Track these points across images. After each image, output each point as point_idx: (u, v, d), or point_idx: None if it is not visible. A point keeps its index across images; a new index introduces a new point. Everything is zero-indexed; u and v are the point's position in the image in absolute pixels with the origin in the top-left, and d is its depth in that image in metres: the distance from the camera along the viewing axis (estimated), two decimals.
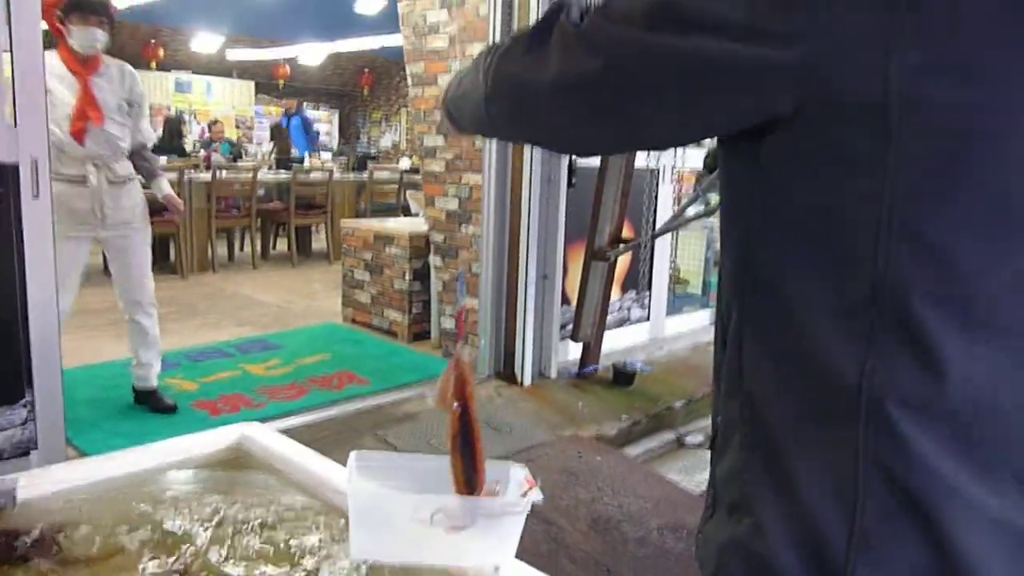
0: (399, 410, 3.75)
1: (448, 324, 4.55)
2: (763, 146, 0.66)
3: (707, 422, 4.20)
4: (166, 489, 1.78)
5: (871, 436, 0.63)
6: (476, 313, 4.32)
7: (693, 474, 3.53)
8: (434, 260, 4.61)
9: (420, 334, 4.83)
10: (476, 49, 4.61)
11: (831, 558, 0.66)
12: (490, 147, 4.04)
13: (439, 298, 4.61)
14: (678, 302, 5.36)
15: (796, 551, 0.68)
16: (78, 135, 3.16)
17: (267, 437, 1.99)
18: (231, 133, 13.85)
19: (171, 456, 1.91)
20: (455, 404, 1.40)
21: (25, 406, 2.67)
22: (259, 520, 1.67)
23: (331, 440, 3.33)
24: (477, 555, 1.38)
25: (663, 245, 5.06)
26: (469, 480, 1.38)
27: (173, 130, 8.55)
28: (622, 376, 4.28)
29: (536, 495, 1.38)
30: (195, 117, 13.37)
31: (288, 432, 3.45)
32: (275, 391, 3.80)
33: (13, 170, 2.45)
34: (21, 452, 2.67)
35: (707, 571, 0.84)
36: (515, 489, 1.52)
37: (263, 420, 3.50)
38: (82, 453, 3.03)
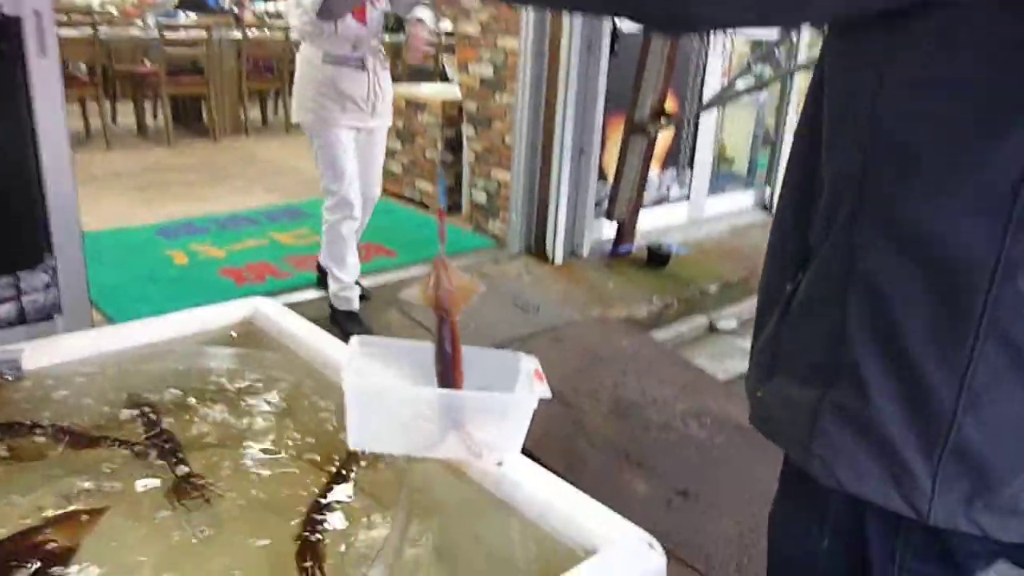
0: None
1: (480, 198, 4.42)
2: (912, 22, 0.67)
3: (742, 307, 4.10)
4: (173, 364, 1.74)
5: (994, 303, 0.68)
6: (508, 187, 4.18)
7: (722, 360, 3.46)
8: (467, 129, 4.43)
9: (451, 207, 4.71)
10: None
11: (937, 416, 0.71)
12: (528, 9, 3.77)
13: (471, 169, 4.46)
14: (721, 181, 5.13)
15: (901, 410, 0.73)
16: (360, 15, 2.88)
17: (278, 313, 1.93)
18: None
19: (181, 330, 1.86)
20: (436, 313, 1.31)
21: (46, 271, 2.65)
22: (259, 400, 1.64)
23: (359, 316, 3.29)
24: (480, 450, 1.32)
25: (708, 120, 4.79)
26: (444, 384, 1.30)
27: None
28: (656, 257, 4.16)
29: (544, 391, 1.31)
30: None
31: (312, 303, 3.45)
32: (302, 260, 3.75)
33: (15, 23, 2.31)
34: (44, 316, 2.67)
35: (785, 430, 0.86)
36: (524, 382, 1.44)
37: (289, 290, 3.49)
38: (108, 318, 3.05)
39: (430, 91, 4.97)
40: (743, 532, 2.28)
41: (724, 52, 4.49)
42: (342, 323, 3.15)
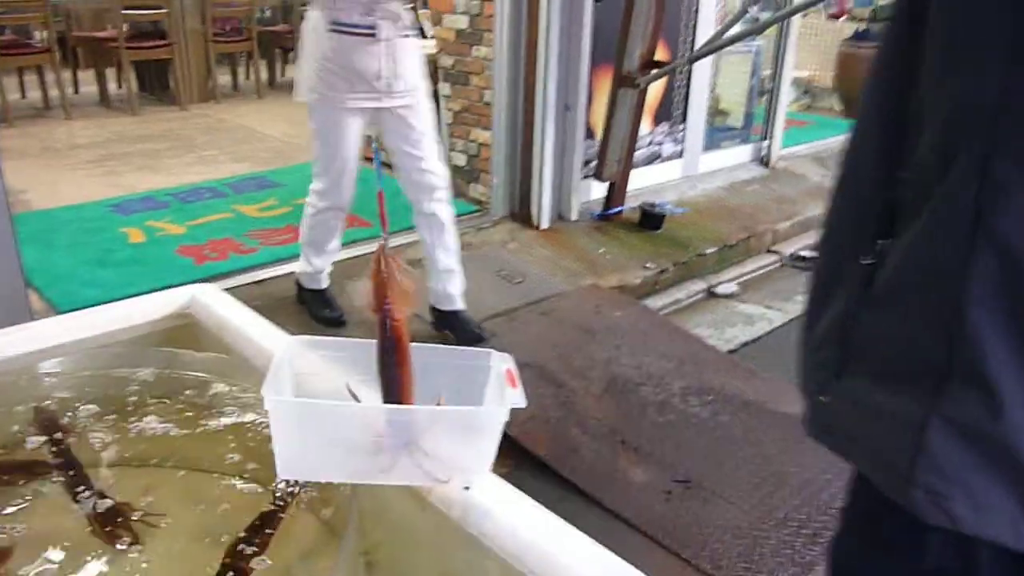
0: (402, 256, 3.43)
1: (459, 160, 4.13)
2: None
3: (742, 269, 3.87)
4: (90, 369, 1.50)
5: None
6: (489, 149, 3.90)
7: (723, 329, 3.23)
8: (442, 88, 4.13)
9: None
10: None
11: None
12: None
13: (448, 132, 4.17)
14: (716, 136, 4.85)
15: None
16: None
17: (220, 303, 1.67)
18: None
19: (102, 327, 1.61)
20: (377, 313, 1.07)
21: None
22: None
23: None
24: (441, 473, 1.09)
25: (702, 71, 4.50)
26: (387, 397, 1.07)
27: None
28: (650, 219, 3.90)
29: (517, 398, 1.07)
30: None
31: (277, 280, 3.19)
32: (269, 234, 3.49)
33: None
34: None
35: (868, 449, 0.68)
36: (494, 388, 1.20)
37: (254, 267, 3.24)
38: (52, 307, 2.79)
39: None
40: (753, 523, 2.06)
41: None
42: (309, 304, 2.89)
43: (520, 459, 2.28)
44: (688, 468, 2.26)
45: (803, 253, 4.03)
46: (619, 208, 3.98)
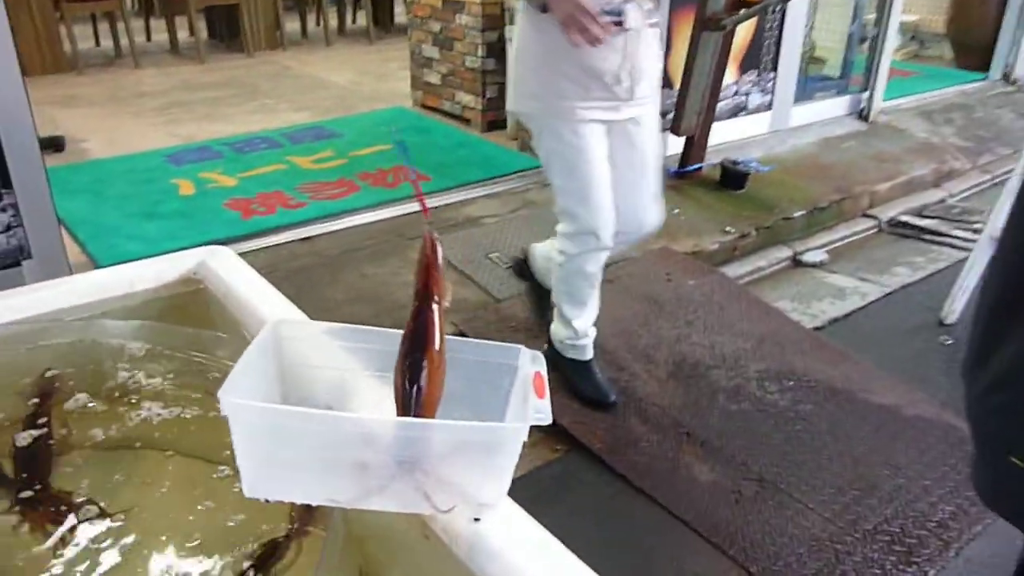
0: (459, 213, 3.22)
1: None
2: None
3: (833, 235, 3.49)
4: (69, 345, 1.33)
5: None
6: None
7: (809, 302, 2.90)
8: (509, 32, 3.84)
9: (495, 123, 4.17)
10: None
11: None
12: None
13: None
14: (810, 86, 4.42)
15: None
16: None
17: (231, 270, 1.48)
18: None
19: (95, 294, 1.44)
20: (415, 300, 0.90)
21: (4, 209, 2.28)
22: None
23: (372, 249, 2.85)
24: (445, 500, 0.87)
25: (796, 12, 4.07)
26: (406, 405, 0.84)
27: None
28: (731, 177, 3.55)
29: (542, 411, 0.85)
30: None
31: (324, 238, 3.02)
32: (320, 188, 3.31)
33: None
34: (10, 263, 2.32)
35: None
36: (517, 397, 0.98)
37: (301, 223, 3.07)
38: (93, 261, 2.68)
39: None
40: (834, 535, 1.79)
41: None
42: (571, 377, 2.20)
43: (574, 443, 2.05)
44: (762, 466, 1.99)
45: (905, 218, 3.62)
46: (697, 165, 3.65)
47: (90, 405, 1.23)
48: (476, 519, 0.85)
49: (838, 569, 1.71)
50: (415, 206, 3.26)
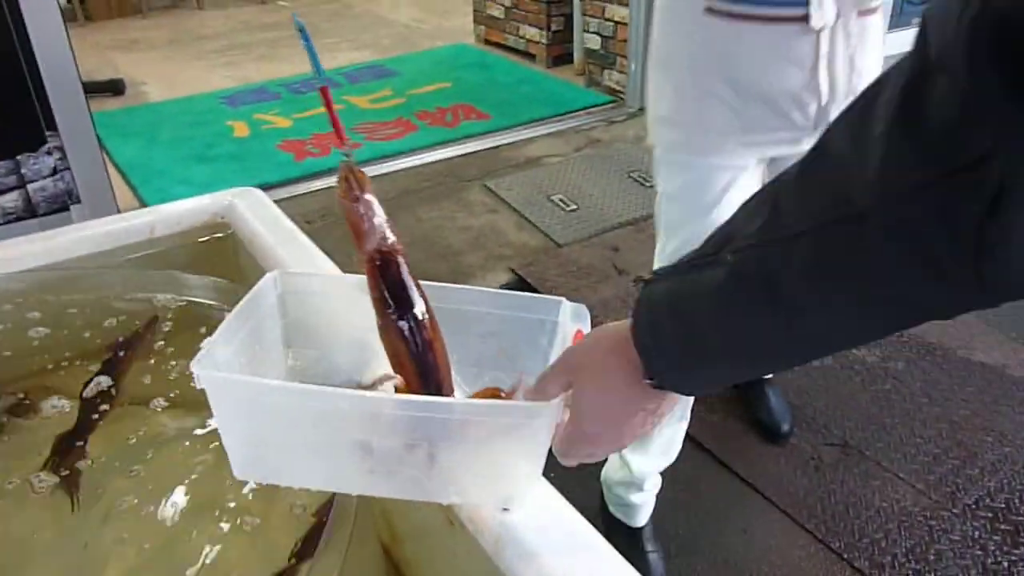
0: (520, 154, 3.04)
1: (593, 43, 3.62)
2: None
3: None
4: (80, 297, 1.24)
5: None
6: (626, 29, 3.36)
7: None
8: None
9: (561, 56, 3.94)
10: None
11: None
12: None
13: (582, 10, 3.65)
14: (907, 11, 4.02)
15: None
16: None
17: (261, 215, 1.37)
18: None
19: (121, 239, 1.35)
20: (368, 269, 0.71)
21: (51, 152, 2.22)
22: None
23: (428, 192, 2.72)
24: (466, 488, 0.74)
25: None
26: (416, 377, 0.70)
27: None
28: None
29: None
30: None
31: (379, 180, 2.90)
32: (376, 128, 3.18)
33: None
34: (59, 207, 2.28)
35: None
36: (559, 352, 0.82)
37: (357, 164, 2.93)
38: (143, 203, 2.63)
39: None
40: (928, 509, 1.60)
41: None
42: (614, 533, 1.54)
43: None
44: (845, 431, 1.80)
45: None
46: None
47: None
48: (505, 509, 0.71)
49: (932, 548, 1.53)
50: (473, 146, 3.10)
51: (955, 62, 0.35)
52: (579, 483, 1.60)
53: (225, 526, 0.81)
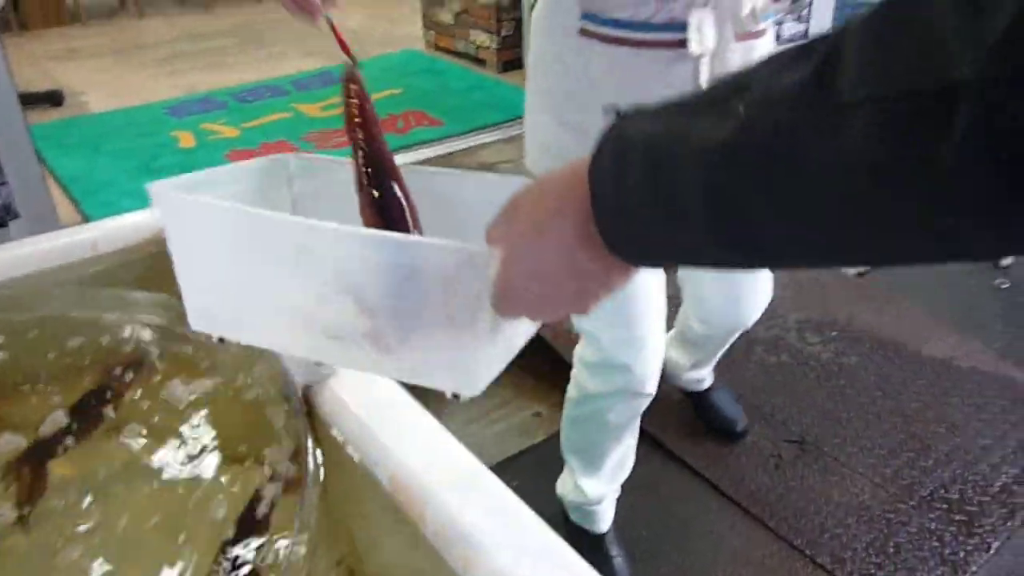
0: (472, 159, 3.03)
1: None
2: None
3: None
4: (28, 316, 1.19)
5: None
6: None
7: None
8: None
9: (511, 62, 3.94)
10: None
11: None
12: None
13: (531, 14, 3.65)
14: (846, 14, 4.11)
15: None
16: None
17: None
18: None
19: (63, 257, 1.30)
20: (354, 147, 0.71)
21: None
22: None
23: None
24: (409, 356, 0.65)
25: None
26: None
27: None
28: None
29: None
30: None
31: None
32: (327, 136, 3.14)
33: None
34: None
35: None
36: None
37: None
38: (86, 218, 2.55)
39: None
40: (886, 502, 1.63)
41: None
42: (576, 540, 1.44)
43: None
44: (804, 426, 1.82)
45: None
46: None
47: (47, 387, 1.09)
48: (455, 396, 0.63)
49: (891, 541, 1.55)
50: (426, 152, 3.08)
51: None
52: (544, 491, 1.60)
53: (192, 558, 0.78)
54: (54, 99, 3.61)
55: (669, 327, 1.52)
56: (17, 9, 4.98)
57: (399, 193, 0.70)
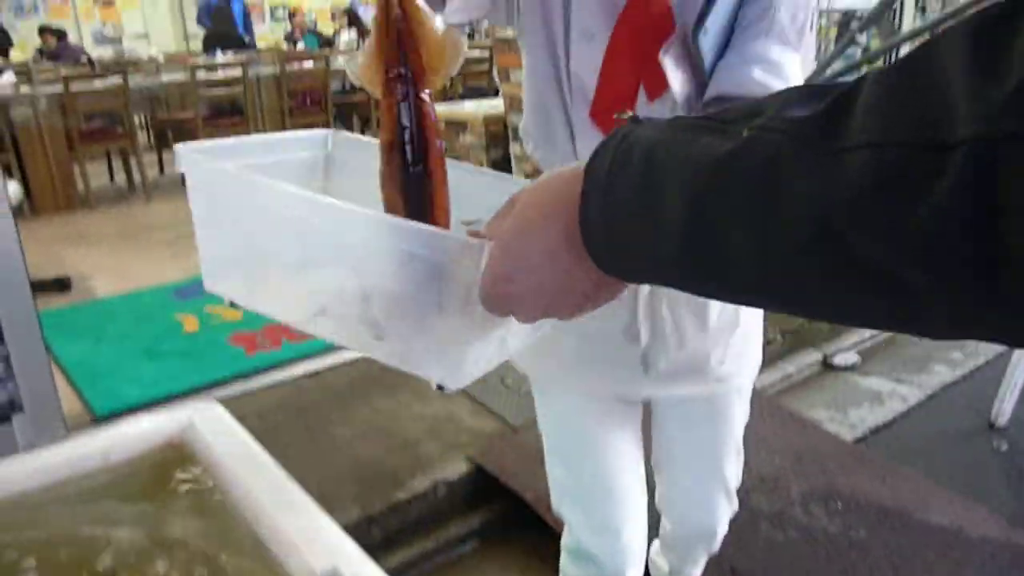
0: None
1: None
2: None
3: (861, 335, 3.34)
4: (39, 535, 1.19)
5: None
6: None
7: (846, 410, 2.72)
8: (514, 148, 3.84)
9: None
10: None
11: None
12: None
13: None
14: None
15: None
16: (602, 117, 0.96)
17: (220, 434, 1.35)
18: (326, 26, 13.23)
19: (73, 467, 1.32)
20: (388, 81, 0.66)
21: None
22: None
23: (382, 380, 2.73)
24: (399, 346, 0.67)
25: None
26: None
27: (222, 17, 8.17)
28: None
29: None
30: (289, 12, 12.69)
31: (332, 371, 2.91)
32: None
33: None
34: (1, 417, 2.21)
35: None
36: None
37: (307, 356, 2.96)
38: (90, 410, 2.57)
39: (471, 107, 4.40)
40: None
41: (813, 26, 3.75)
42: None
43: None
44: None
45: None
46: None
47: None
48: (439, 387, 0.65)
49: None
50: None
51: None
52: None
53: None
54: (62, 285, 3.72)
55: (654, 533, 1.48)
56: (30, 195, 5.22)
57: (431, 163, 0.65)
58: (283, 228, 0.69)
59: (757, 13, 0.89)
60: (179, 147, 0.70)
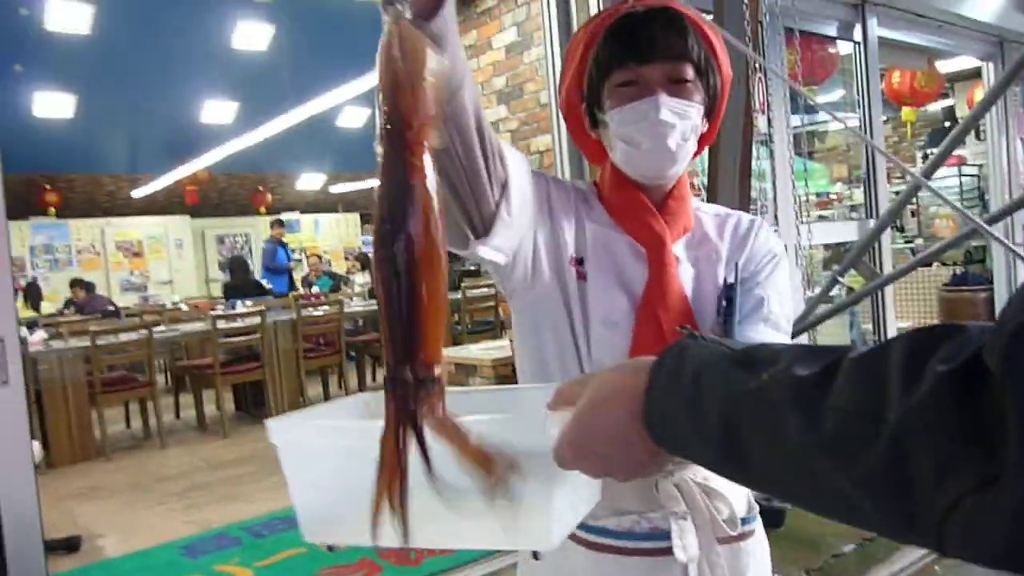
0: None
1: None
2: None
3: (890, 569, 3.23)
4: None
5: None
6: None
7: None
8: None
9: None
10: (542, 142, 4.07)
11: None
12: None
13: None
14: None
15: None
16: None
17: None
18: (339, 266, 13.97)
19: None
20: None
21: None
22: None
23: None
24: (494, 532, 0.70)
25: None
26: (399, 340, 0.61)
27: (238, 267, 8.71)
28: (767, 515, 3.38)
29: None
30: (305, 254, 13.46)
31: None
32: (340, 573, 3.16)
33: None
34: None
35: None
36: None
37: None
38: None
39: (479, 350, 4.58)
40: None
41: (801, 264, 4.00)
42: None
43: None
44: None
45: None
46: None
47: None
48: (535, 554, 0.75)
49: None
50: None
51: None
52: None
53: None
54: (71, 546, 3.68)
55: None
56: (47, 447, 5.27)
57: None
58: (366, 458, 0.75)
59: (751, 305, 1.05)
60: (269, 423, 0.82)
